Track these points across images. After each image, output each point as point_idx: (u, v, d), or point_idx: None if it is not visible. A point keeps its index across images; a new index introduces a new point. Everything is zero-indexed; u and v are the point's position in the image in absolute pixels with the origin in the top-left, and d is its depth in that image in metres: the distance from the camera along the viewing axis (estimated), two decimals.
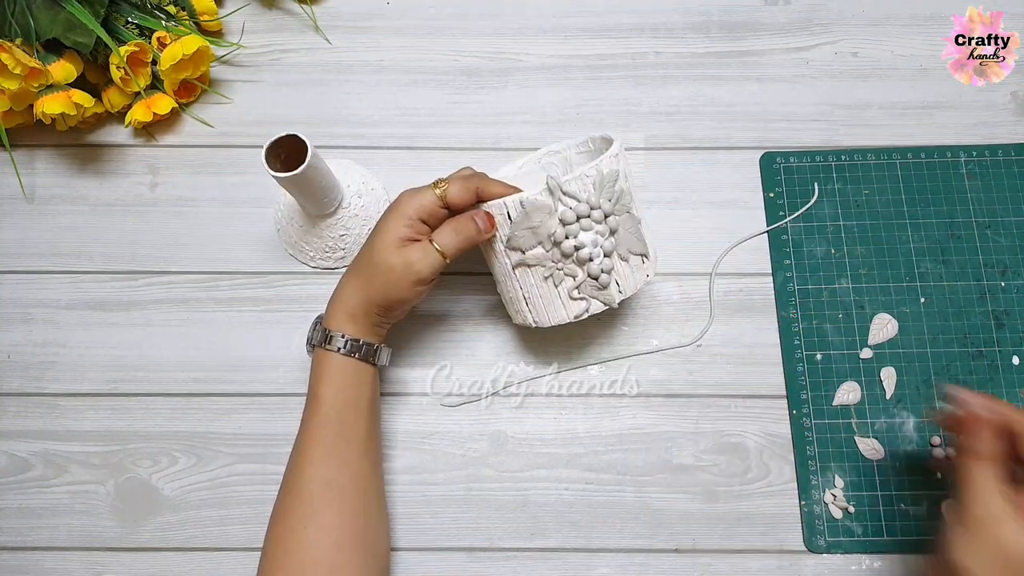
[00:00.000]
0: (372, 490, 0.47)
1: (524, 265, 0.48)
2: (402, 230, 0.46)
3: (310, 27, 0.64)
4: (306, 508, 0.44)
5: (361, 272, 0.47)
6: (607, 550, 0.52)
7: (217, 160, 0.61)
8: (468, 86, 0.63)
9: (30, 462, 0.54)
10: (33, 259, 0.59)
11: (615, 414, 0.55)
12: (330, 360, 0.46)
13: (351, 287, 0.47)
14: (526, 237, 0.47)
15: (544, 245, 0.47)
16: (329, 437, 0.46)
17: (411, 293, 0.47)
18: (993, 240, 0.57)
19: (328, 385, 0.46)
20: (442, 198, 0.46)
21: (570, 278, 0.48)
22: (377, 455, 0.49)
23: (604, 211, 0.46)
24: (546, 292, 0.48)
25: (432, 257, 0.46)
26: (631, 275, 0.48)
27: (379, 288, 0.46)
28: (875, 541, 0.51)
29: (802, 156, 0.60)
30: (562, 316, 0.49)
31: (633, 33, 0.64)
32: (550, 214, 0.46)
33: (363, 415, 0.47)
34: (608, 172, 0.46)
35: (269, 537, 0.45)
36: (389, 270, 0.46)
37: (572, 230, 0.46)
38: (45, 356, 0.56)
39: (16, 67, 0.52)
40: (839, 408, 0.54)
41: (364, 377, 0.47)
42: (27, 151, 0.61)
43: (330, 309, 0.48)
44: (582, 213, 0.46)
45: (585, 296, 0.48)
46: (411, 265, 0.46)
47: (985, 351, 0.55)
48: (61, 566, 0.52)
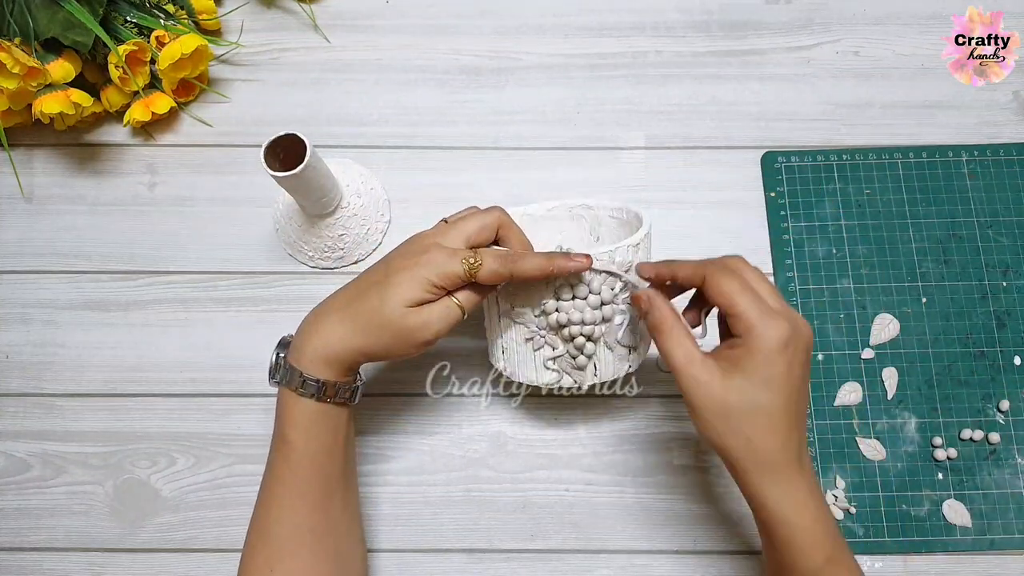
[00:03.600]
0: (345, 530, 0.45)
1: (510, 319, 0.46)
2: (422, 295, 0.41)
3: (309, 26, 0.64)
4: (273, 551, 0.42)
5: (360, 322, 0.42)
6: (607, 551, 0.52)
7: (216, 160, 0.61)
8: (468, 85, 0.63)
9: (29, 463, 0.54)
10: (32, 259, 0.58)
11: (615, 415, 0.54)
12: (299, 404, 0.42)
13: (340, 332, 0.42)
14: (520, 295, 0.45)
15: (534, 310, 0.45)
16: (300, 483, 0.42)
17: (416, 351, 0.42)
18: (995, 240, 0.57)
19: (299, 431, 0.42)
20: (470, 274, 0.41)
21: (549, 347, 0.46)
22: (352, 495, 0.46)
23: (603, 299, 0.44)
24: (523, 352, 0.47)
25: (452, 315, 0.42)
26: (612, 363, 0.46)
27: (385, 345, 0.42)
28: (877, 542, 0.51)
29: (803, 156, 0.60)
30: (532, 379, 0.47)
31: (634, 32, 0.64)
32: (548, 284, 0.44)
33: (338, 459, 0.44)
34: (620, 261, 0.44)
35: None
36: (400, 331, 0.41)
37: (565, 306, 0.44)
38: (44, 356, 0.56)
39: (15, 66, 0.51)
40: (840, 408, 0.54)
41: (340, 420, 0.43)
42: (25, 151, 0.61)
43: (305, 348, 0.42)
44: (579, 294, 0.44)
45: (558, 369, 0.47)
46: (429, 326, 0.41)
47: (987, 351, 0.55)
48: (60, 567, 0.52)
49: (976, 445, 0.53)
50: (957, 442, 0.53)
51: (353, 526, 0.46)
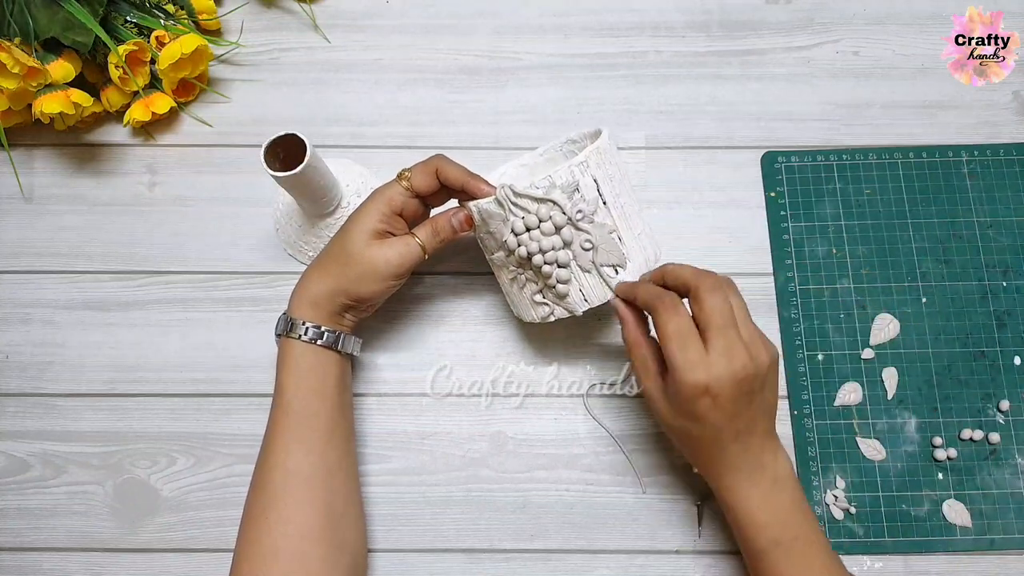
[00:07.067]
0: (339, 482, 0.47)
1: (495, 265, 0.50)
2: (377, 225, 0.47)
3: (309, 26, 0.64)
4: (268, 497, 0.44)
5: (331, 263, 0.48)
6: (608, 551, 0.52)
7: (216, 159, 0.61)
8: (468, 85, 0.63)
9: (29, 463, 0.54)
10: (31, 259, 0.58)
11: (615, 415, 0.54)
12: (293, 348, 0.46)
13: (316, 276, 0.48)
14: (488, 241, 0.48)
15: (504, 251, 0.47)
16: (291, 426, 0.45)
17: (384, 287, 0.48)
18: (995, 240, 0.57)
19: (290, 374, 0.46)
20: (408, 188, 0.48)
21: (532, 283, 0.48)
22: (346, 445, 0.48)
23: (556, 223, 0.44)
24: (515, 293, 0.50)
25: (411, 251, 0.47)
26: (598, 285, 0.47)
27: (352, 279, 0.47)
28: (877, 542, 0.51)
29: (803, 156, 0.60)
30: (531, 316, 0.50)
31: (633, 32, 0.64)
32: (504, 222, 0.45)
33: (328, 403, 0.47)
34: (563, 183, 0.44)
35: (239, 534, 0.45)
36: (365, 262, 0.46)
37: (523, 239, 0.45)
38: (43, 356, 0.56)
39: (15, 66, 0.51)
40: (840, 408, 0.54)
41: (329, 365, 0.47)
42: (25, 150, 0.61)
43: (293, 299, 0.48)
44: (531, 225, 0.45)
45: (547, 302, 0.48)
46: (389, 260, 0.47)
47: (987, 351, 0.55)
48: (60, 567, 0.52)
49: (976, 445, 0.53)
50: (957, 442, 0.53)
51: (347, 485, 0.48)
